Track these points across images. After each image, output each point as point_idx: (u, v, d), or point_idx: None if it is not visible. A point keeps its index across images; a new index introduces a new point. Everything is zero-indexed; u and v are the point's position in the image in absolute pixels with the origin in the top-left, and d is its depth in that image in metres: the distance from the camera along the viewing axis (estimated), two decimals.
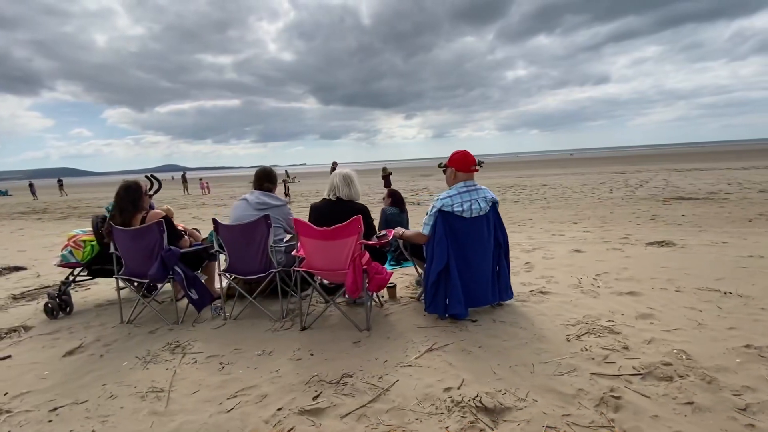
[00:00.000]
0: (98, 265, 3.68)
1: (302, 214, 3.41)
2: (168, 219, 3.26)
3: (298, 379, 2.29)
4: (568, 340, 2.55)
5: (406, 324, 2.95)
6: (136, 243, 3.13)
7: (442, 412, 1.92)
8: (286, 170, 45.25)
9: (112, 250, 3.24)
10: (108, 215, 3.71)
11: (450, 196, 2.83)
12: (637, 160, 41.33)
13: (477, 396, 2.00)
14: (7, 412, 2.13)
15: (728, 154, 45.43)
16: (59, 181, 34.26)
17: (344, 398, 2.08)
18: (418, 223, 3.38)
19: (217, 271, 3.54)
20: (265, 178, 3.42)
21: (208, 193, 25.30)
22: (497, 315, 2.98)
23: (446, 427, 1.81)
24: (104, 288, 4.31)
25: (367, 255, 2.79)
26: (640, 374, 2.13)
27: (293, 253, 3.07)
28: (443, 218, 2.82)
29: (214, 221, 3.18)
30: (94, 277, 3.80)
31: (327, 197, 3.03)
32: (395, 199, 5.01)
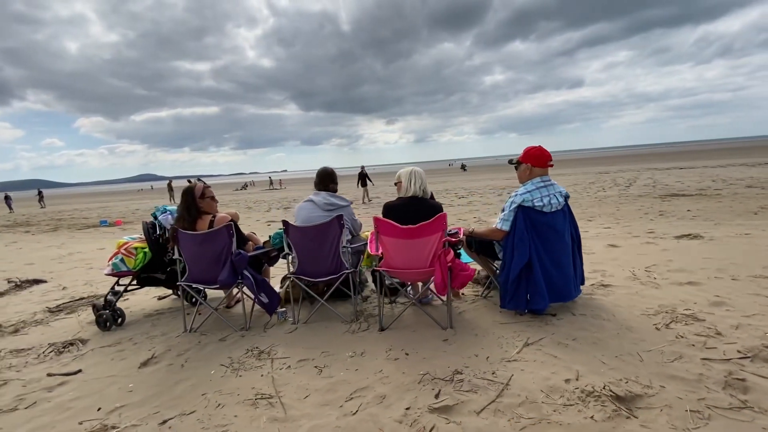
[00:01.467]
0: (147, 273, 3.54)
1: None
2: (235, 223, 3.17)
3: (407, 378, 2.26)
4: (658, 329, 2.61)
5: (486, 321, 2.95)
6: (203, 247, 3.02)
7: (576, 403, 1.93)
8: (270, 177, 44.72)
9: (176, 255, 3.12)
10: (157, 221, 3.59)
11: (529, 191, 2.86)
12: (616, 161, 42.73)
13: (604, 386, 2.02)
14: (113, 427, 2.01)
15: (699, 153, 47.57)
16: (39, 192, 32.74)
17: (468, 395, 2.06)
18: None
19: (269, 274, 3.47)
20: (329, 179, 3.37)
21: None
22: (574, 308, 3.02)
23: (591, 416, 1.82)
24: (142, 298, 4.14)
25: (452, 252, 2.79)
26: (747, 357, 2.20)
27: (372, 252, 3.03)
28: (523, 213, 2.85)
29: (285, 223, 3.11)
30: (142, 286, 3.65)
31: (403, 196, 3.01)
32: None
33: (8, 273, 5.90)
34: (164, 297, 4.13)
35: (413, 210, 2.91)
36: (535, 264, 2.82)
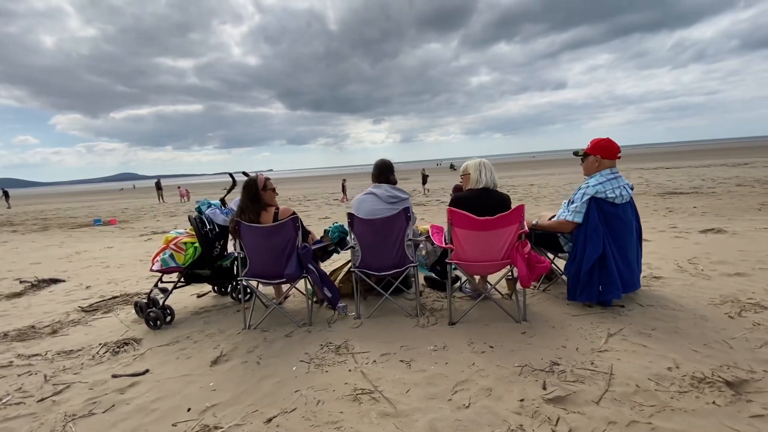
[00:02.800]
0: (196, 269, 3.40)
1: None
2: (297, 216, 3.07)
3: (505, 371, 2.22)
4: (732, 318, 2.65)
5: (556, 313, 2.95)
6: (268, 241, 2.91)
7: (690, 390, 1.93)
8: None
9: (237, 249, 3.00)
10: (202, 215, 3.45)
11: (601, 183, 2.87)
12: None
13: (713, 372, 2.03)
14: (216, 427, 1.91)
15: (678, 154, 49.23)
16: (4, 191, 30.88)
17: (576, 385, 2.04)
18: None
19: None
20: (388, 171, 3.30)
21: (188, 200, 24.09)
22: (638, 300, 3.04)
23: (712, 402, 1.82)
24: (179, 296, 3.97)
25: (528, 244, 2.77)
26: None
27: (439, 245, 2.98)
28: (596, 205, 2.86)
29: (350, 216, 3.03)
30: (188, 283, 3.51)
31: (473, 188, 2.98)
32: None
33: (15, 273, 5.59)
34: (203, 295, 3.98)
35: (485, 202, 2.88)
36: (609, 255, 2.83)
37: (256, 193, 3.02)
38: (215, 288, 3.98)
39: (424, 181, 20.46)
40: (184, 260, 3.30)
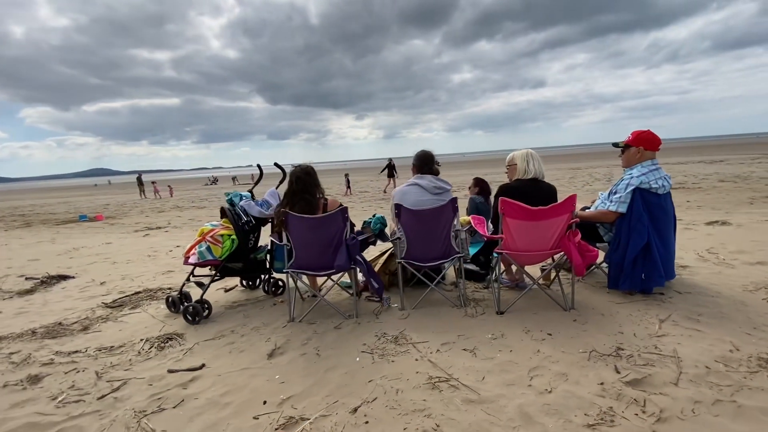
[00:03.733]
0: (230, 262, 3.32)
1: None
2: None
3: (572, 356, 2.26)
4: None
5: (600, 301, 3.01)
6: (317, 232, 2.86)
7: (760, 370, 2.01)
8: (252, 175, 42.77)
9: (283, 241, 2.93)
10: (235, 208, 3.37)
11: (644, 174, 2.94)
12: (581, 158, 44.87)
13: None
14: (303, 419, 1.87)
15: (665, 151, 50.96)
16: None
17: (647, 368, 2.09)
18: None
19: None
20: (431, 161, 3.29)
21: (171, 196, 23.42)
22: (676, 288, 3.14)
23: None
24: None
25: (579, 233, 2.82)
26: None
27: (484, 234, 3.00)
28: (640, 195, 2.93)
29: (397, 206, 3.01)
30: (222, 277, 3.41)
31: (521, 178, 3.00)
32: (482, 188, 5.05)
33: (16, 270, 5.32)
34: (230, 289, 3.88)
35: (536, 192, 2.92)
36: (652, 244, 2.91)
37: (306, 183, 2.95)
38: (243, 282, 3.89)
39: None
40: (221, 253, 3.21)
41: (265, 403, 2.02)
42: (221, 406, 2.02)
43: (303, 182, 2.96)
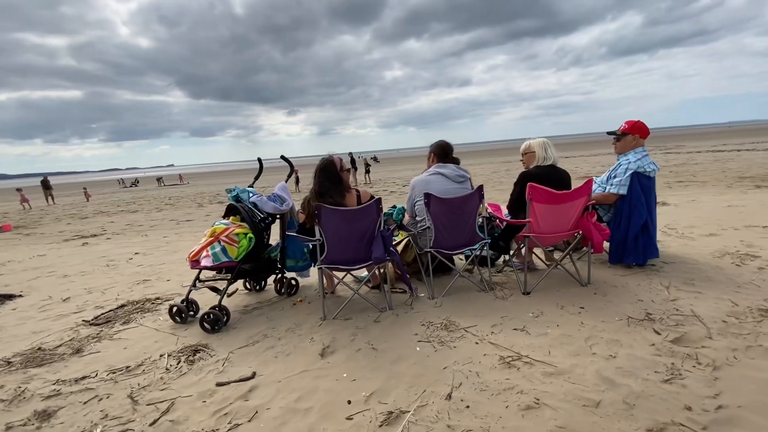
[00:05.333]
0: (246, 263, 3.07)
1: None
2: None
3: (612, 325, 2.47)
4: (738, 266, 3.28)
5: (606, 275, 3.30)
6: (352, 225, 2.76)
7: (764, 319, 2.38)
8: (180, 175, 38.99)
9: (317, 236, 2.76)
10: (244, 204, 3.13)
11: (639, 159, 3.29)
12: (507, 153, 48.37)
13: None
14: (403, 412, 1.81)
15: (569, 145, 56.64)
16: None
17: (679, 328, 2.36)
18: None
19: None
20: (450, 150, 3.35)
21: (87, 201, 20.66)
22: (661, 259, 3.56)
23: None
24: (197, 295, 3.53)
25: (596, 214, 3.07)
26: None
27: (502, 219, 3.13)
28: (637, 178, 3.28)
29: (427, 195, 3.00)
30: (235, 279, 3.14)
31: (540, 164, 3.18)
32: None
33: None
34: (233, 293, 3.58)
35: (556, 177, 3.12)
36: (648, 222, 3.28)
37: (337, 174, 2.83)
38: (248, 284, 3.61)
39: (367, 170, 21.06)
40: (237, 253, 2.95)
41: (349, 402, 1.93)
42: (303, 413, 1.88)
43: (332, 173, 2.83)
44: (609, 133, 3.54)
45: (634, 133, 3.37)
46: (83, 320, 3.19)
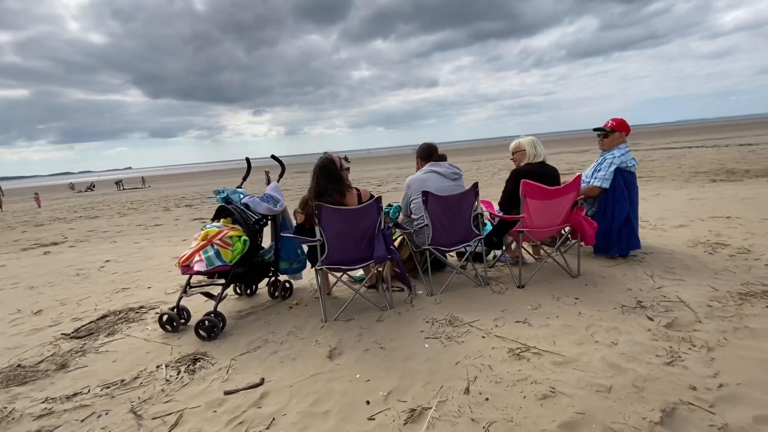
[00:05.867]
0: (241, 267, 2.97)
1: None
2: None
3: (608, 313, 2.58)
4: (711, 254, 3.52)
5: (593, 267, 3.45)
6: (353, 224, 2.73)
7: (743, 302, 2.56)
8: (142, 178, 36.76)
9: (317, 236, 2.70)
10: (235, 205, 3.03)
11: (623, 155, 3.46)
12: (476, 152, 49.46)
13: (744, 290, 2.73)
14: (425, 408, 1.81)
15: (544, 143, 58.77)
16: None
17: (669, 314, 2.51)
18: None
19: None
20: (434, 149, 3.40)
21: (39, 206, 19.26)
22: (641, 249, 3.76)
23: (765, 306, 2.48)
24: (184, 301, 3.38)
25: (585, 208, 3.20)
26: None
27: (502, 216, 3.20)
28: (620, 173, 3.44)
29: (425, 193, 3.01)
30: (230, 284, 3.02)
31: (531, 162, 3.27)
32: None
33: None
34: (222, 298, 3.44)
35: (547, 173, 3.22)
36: (631, 214, 3.46)
37: (337, 173, 2.78)
38: (238, 288, 3.48)
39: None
40: (232, 257, 2.85)
41: (368, 403, 1.91)
42: (322, 416, 1.84)
43: (332, 172, 2.78)
44: (596, 130, 3.68)
45: (620, 131, 3.54)
46: (62, 333, 2.97)
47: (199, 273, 2.80)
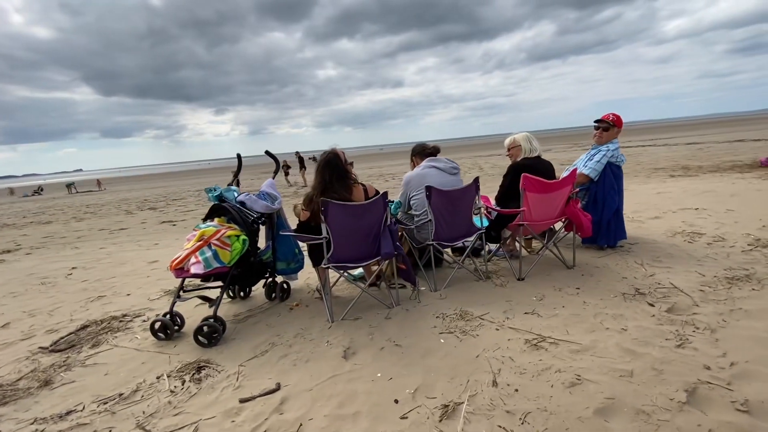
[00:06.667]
0: (238, 268, 2.82)
1: None
2: None
3: (611, 301, 2.67)
4: (691, 243, 3.73)
5: (585, 258, 3.57)
6: (360, 220, 2.65)
7: (731, 286, 2.73)
8: (98, 180, 34.28)
9: (324, 233, 2.60)
10: (230, 203, 2.89)
11: (615, 150, 3.59)
12: (445, 152, 50.25)
13: (730, 274, 2.91)
14: (457, 403, 1.78)
15: (495, 144, 60.58)
16: None
17: (667, 300, 2.62)
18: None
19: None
20: (427, 146, 3.42)
21: None
22: (622, 241, 3.94)
23: (752, 288, 2.64)
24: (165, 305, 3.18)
25: (579, 201, 3.29)
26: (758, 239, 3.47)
27: (501, 211, 3.23)
28: (610, 167, 3.57)
29: (428, 188, 2.98)
30: (228, 286, 2.85)
31: (528, 156, 3.32)
32: None
33: None
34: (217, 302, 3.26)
35: (544, 167, 3.28)
36: (620, 207, 3.60)
37: (343, 168, 2.69)
38: (232, 291, 3.31)
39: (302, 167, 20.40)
40: (230, 258, 2.70)
41: (397, 401, 1.85)
42: (352, 419, 1.77)
43: (337, 167, 2.69)
44: (597, 122, 3.75)
45: (619, 126, 3.67)
46: (40, 347, 2.70)
47: (196, 276, 2.63)
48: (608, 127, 3.67)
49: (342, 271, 3.05)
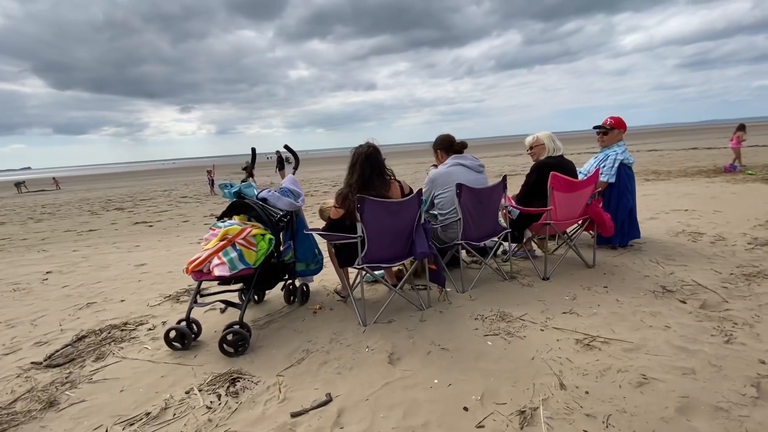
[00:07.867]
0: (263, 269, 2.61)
1: None
2: None
3: (644, 299, 2.69)
4: (695, 242, 3.87)
5: (602, 258, 3.60)
6: (396, 218, 2.52)
7: (751, 282, 2.83)
8: (54, 178, 31.60)
9: (359, 232, 2.44)
10: (252, 199, 2.69)
11: (624, 151, 3.66)
12: (418, 154, 50.72)
13: (743, 272, 3.01)
14: (532, 408, 1.69)
15: (476, 148, 61.81)
16: None
17: (696, 296, 2.68)
18: None
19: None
20: (454, 140, 3.33)
21: None
22: (633, 240, 4.03)
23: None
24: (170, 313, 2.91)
25: (601, 200, 3.31)
26: (756, 237, 3.64)
27: (527, 210, 3.20)
28: (622, 168, 3.64)
29: (459, 185, 2.89)
30: (252, 289, 2.63)
31: (552, 155, 3.30)
32: None
33: None
34: (227, 307, 3.02)
35: (567, 166, 3.28)
36: (633, 207, 3.68)
37: (382, 162, 2.55)
38: (245, 295, 3.07)
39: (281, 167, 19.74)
40: (256, 258, 2.49)
41: (466, 409, 1.74)
42: (422, 430, 1.64)
43: (378, 161, 2.54)
44: (596, 128, 3.85)
45: (620, 128, 3.75)
46: (32, 363, 2.37)
47: (220, 278, 2.41)
48: (607, 131, 3.75)
49: (365, 273, 2.92)
